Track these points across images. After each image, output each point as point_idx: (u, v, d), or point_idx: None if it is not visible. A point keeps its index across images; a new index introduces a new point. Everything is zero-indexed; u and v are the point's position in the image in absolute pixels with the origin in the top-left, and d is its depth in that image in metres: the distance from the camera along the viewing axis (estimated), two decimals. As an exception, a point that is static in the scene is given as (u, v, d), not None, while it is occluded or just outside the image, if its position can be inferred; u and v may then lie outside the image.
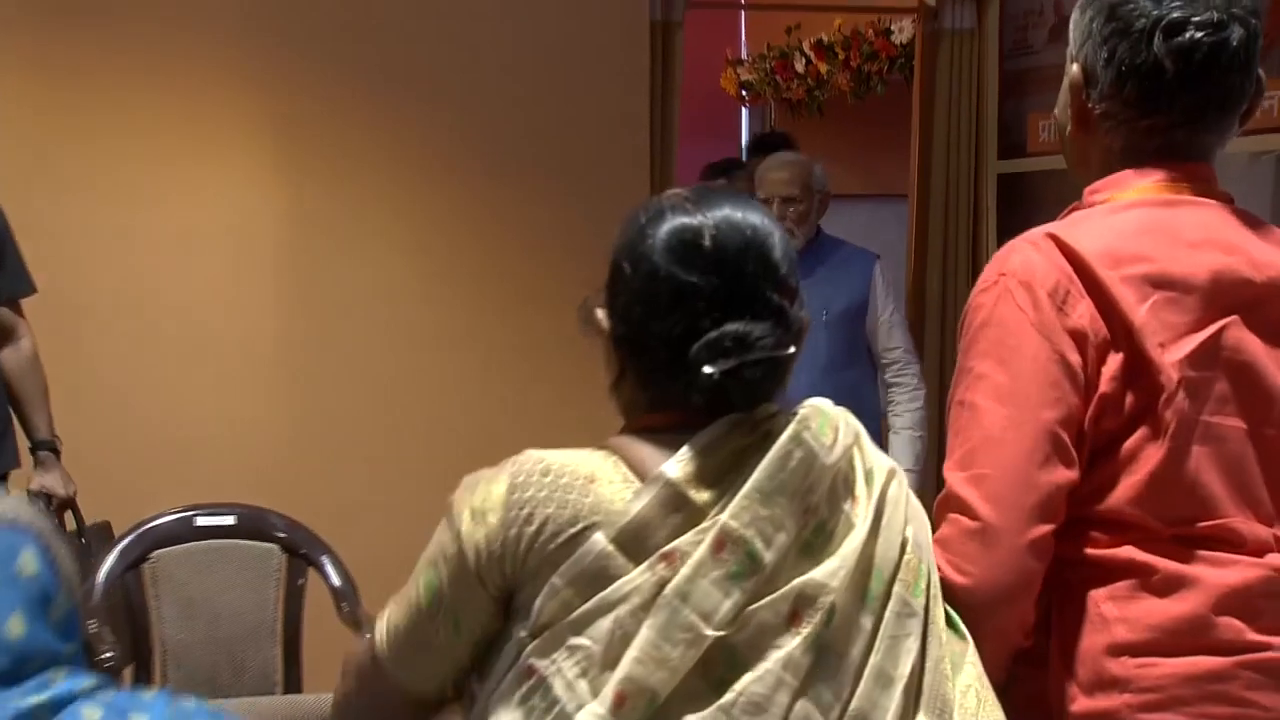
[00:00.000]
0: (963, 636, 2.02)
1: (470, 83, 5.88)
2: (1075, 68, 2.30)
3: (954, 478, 2.17)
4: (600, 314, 2.08)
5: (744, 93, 9.32)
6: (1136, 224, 2.20)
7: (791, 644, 1.87)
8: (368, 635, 2.08)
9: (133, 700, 1.91)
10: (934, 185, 6.65)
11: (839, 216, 6.99)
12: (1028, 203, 6.31)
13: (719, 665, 1.87)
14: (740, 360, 1.92)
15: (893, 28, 8.04)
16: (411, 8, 5.83)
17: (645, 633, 1.86)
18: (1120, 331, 2.13)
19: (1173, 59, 2.18)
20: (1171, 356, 2.12)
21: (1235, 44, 2.18)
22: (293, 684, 4.69)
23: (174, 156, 5.61)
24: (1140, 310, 2.12)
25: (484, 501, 1.97)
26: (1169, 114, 2.24)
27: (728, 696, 1.85)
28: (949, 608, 2.04)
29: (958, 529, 2.12)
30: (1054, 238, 2.17)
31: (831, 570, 1.89)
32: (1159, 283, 2.13)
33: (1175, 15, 2.18)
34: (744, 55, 9.25)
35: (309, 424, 5.66)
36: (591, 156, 5.98)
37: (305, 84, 5.76)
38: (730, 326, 1.94)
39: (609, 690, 1.86)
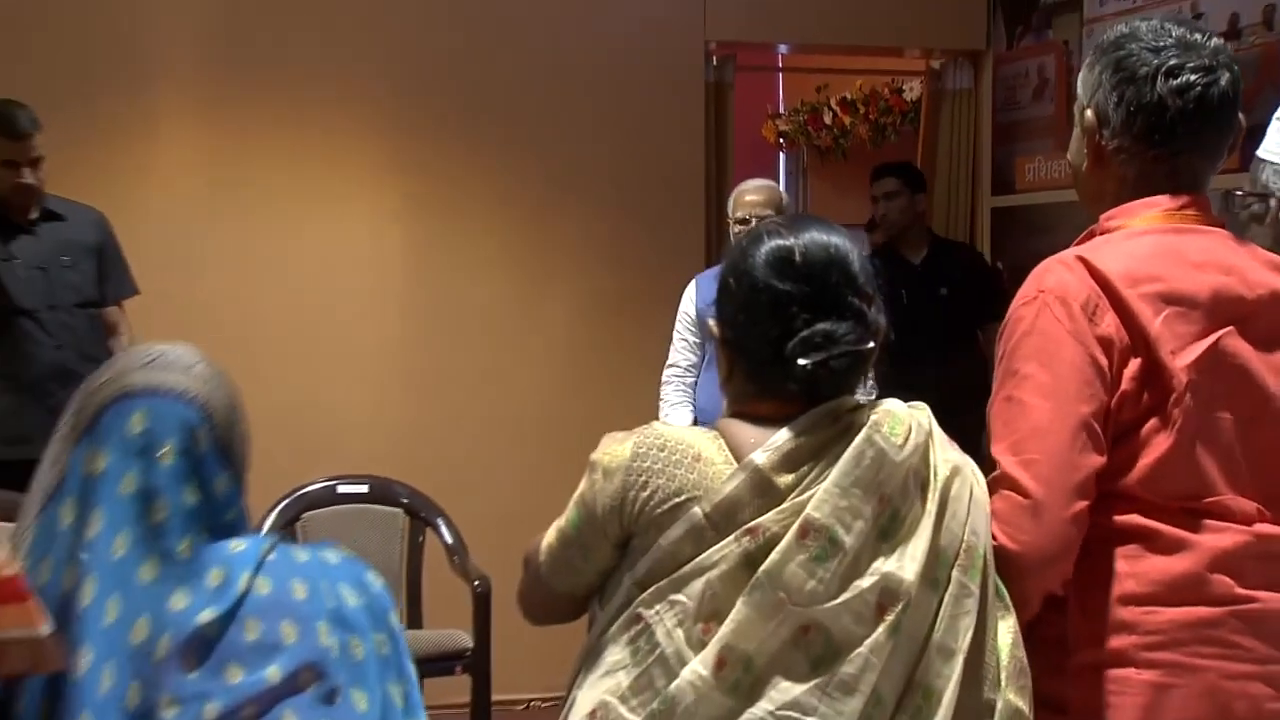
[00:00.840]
0: (1008, 606, 2.01)
1: (560, 138, 5.90)
2: (1090, 114, 2.26)
3: (1006, 461, 2.12)
4: (712, 323, 2.06)
5: (781, 140, 9.18)
6: (1150, 248, 2.16)
7: (878, 631, 1.85)
8: (538, 540, 2.11)
9: (290, 567, 1.90)
10: (938, 217, 6.56)
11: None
12: (1016, 232, 6.28)
13: (818, 646, 1.86)
14: (828, 354, 1.91)
15: (904, 87, 8.13)
16: (510, 79, 5.87)
17: (741, 608, 1.85)
18: (1139, 340, 2.10)
19: (1173, 97, 2.16)
20: (1181, 362, 2.09)
21: (1225, 84, 2.19)
22: (415, 621, 4.82)
23: (319, 194, 5.70)
24: (1155, 323, 2.09)
25: (611, 462, 1.97)
26: (1172, 144, 2.21)
27: (823, 677, 1.84)
28: (996, 578, 2.02)
29: (1011, 504, 2.07)
30: (1083, 260, 2.14)
31: (908, 567, 1.87)
32: (1170, 299, 2.11)
33: (1173, 62, 2.17)
34: (781, 110, 9.14)
35: (428, 411, 5.73)
36: (658, 193, 5.99)
37: (425, 138, 5.82)
38: (820, 326, 1.92)
39: (710, 654, 1.85)
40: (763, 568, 1.84)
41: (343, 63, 5.72)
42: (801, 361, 1.91)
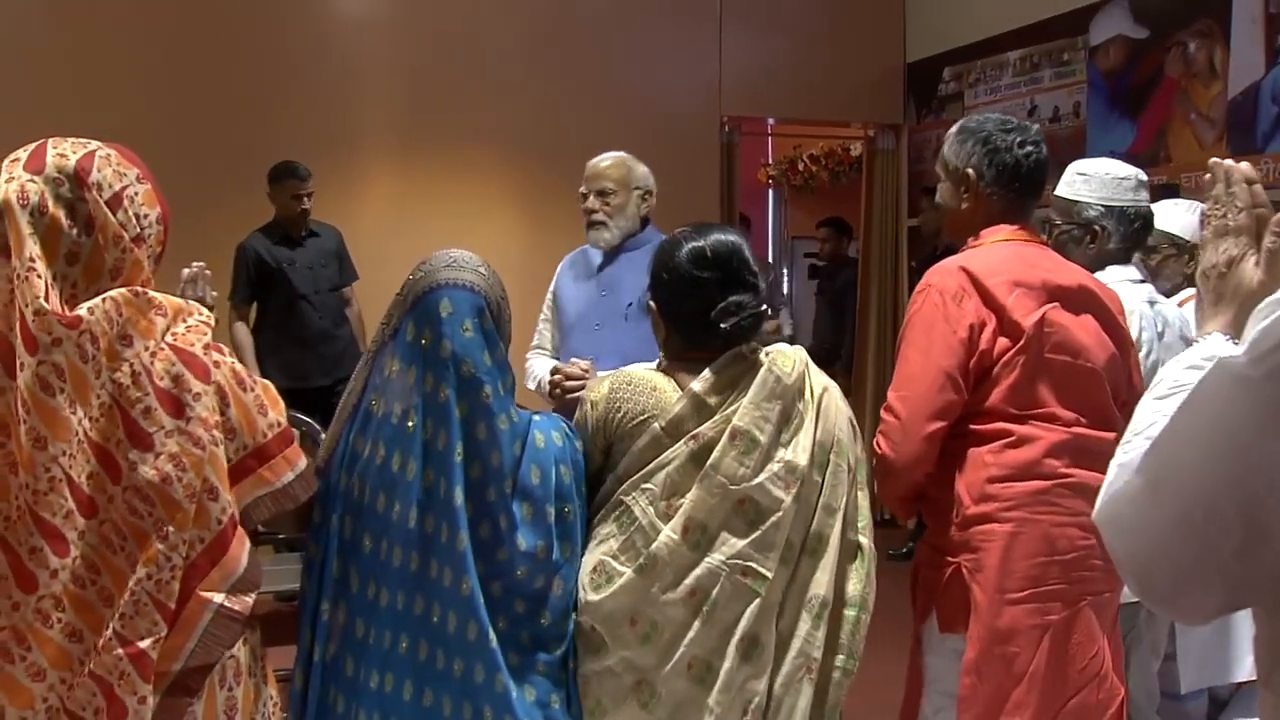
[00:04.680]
0: (864, 484, 2.02)
1: None
2: (970, 171, 2.28)
3: (891, 394, 2.18)
4: (651, 303, 2.04)
5: (769, 181, 9.24)
6: (1003, 254, 2.23)
7: (787, 500, 1.87)
8: None
9: (534, 453, 1.85)
10: (873, 231, 6.73)
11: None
12: (924, 243, 6.27)
13: (750, 513, 1.87)
14: (739, 317, 1.93)
15: (850, 147, 8.19)
16: (588, 141, 4.94)
17: (696, 490, 1.86)
18: (995, 311, 2.15)
19: (1023, 160, 2.26)
20: (1027, 322, 2.13)
21: (1045, 152, 2.30)
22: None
23: (462, 216, 5.75)
24: (1009, 299, 2.15)
25: (596, 396, 1.98)
26: (1021, 187, 2.29)
27: (756, 534, 1.86)
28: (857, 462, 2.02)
29: (889, 423, 2.15)
30: (960, 266, 2.20)
31: (801, 456, 1.89)
32: (1016, 284, 2.17)
33: (1019, 139, 2.26)
34: (770, 161, 9.15)
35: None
36: (688, 218, 5.13)
37: (531, 180, 5.84)
38: (732, 298, 1.94)
39: (678, 524, 1.85)
40: (709, 462, 1.86)
41: (480, 132, 5.80)
42: (723, 325, 1.93)
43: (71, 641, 1.57)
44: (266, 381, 1.77)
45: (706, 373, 1.93)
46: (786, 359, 1.95)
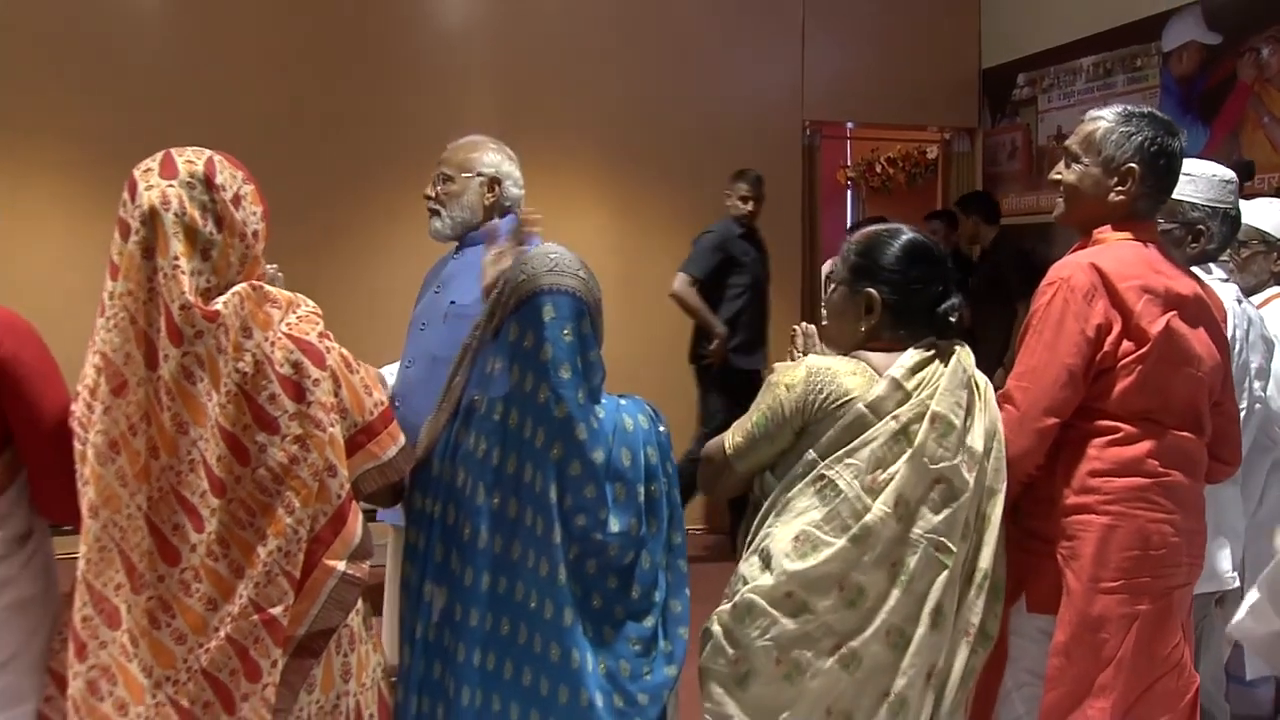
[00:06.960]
0: None
1: (708, 183, 5.75)
2: (1136, 167, 2.18)
3: (1012, 384, 2.15)
4: (872, 290, 2.05)
5: (849, 183, 9.08)
6: (1132, 256, 2.17)
7: (971, 482, 1.94)
8: (719, 442, 2.10)
9: (622, 436, 1.89)
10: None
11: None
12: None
13: (945, 491, 1.93)
14: (959, 314, 2.03)
15: (926, 150, 8.18)
16: (677, 143, 5.89)
17: (903, 468, 1.91)
18: (1123, 315, 2.12)
19: (1178, 165, 2.21)
20: (1153, 330, 2.11)
21: None
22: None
23: (557, 214, 5.07)
24: (1138, 305, 2.12)
25: (793, 380, 2.00)
26: (1167, 192, 2.25)
27: (947, 512, 1.92)
28: None
29: (1009, 413, 2.11)
30: (1090, 262, 2.15)
31: (978, 441, 1.96)
32: (1145, 290, 2.13)
33: (1178, 145, 2.20)
34: (849, 163, 9.00)
35: (622, 348, 5.37)
36: (770, 216, 5.74)
37: (621, 182, 5.90)
38: (955, 298, 2.04)
39: (889, 497, 1.91)
40: (915, 444, 1.92)
41: (569, 134, 5.80)
42: (951, 319, 2.03)
43: (208, 610, 1.67)
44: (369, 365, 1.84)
45: (905, 359, 1.99)
46: (966, 353, 2.04)
